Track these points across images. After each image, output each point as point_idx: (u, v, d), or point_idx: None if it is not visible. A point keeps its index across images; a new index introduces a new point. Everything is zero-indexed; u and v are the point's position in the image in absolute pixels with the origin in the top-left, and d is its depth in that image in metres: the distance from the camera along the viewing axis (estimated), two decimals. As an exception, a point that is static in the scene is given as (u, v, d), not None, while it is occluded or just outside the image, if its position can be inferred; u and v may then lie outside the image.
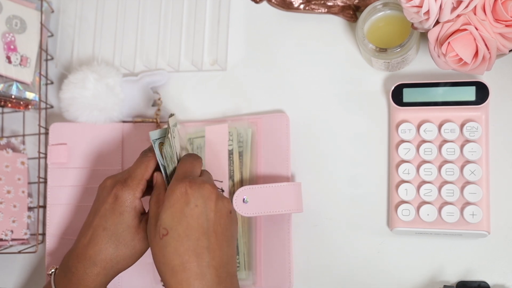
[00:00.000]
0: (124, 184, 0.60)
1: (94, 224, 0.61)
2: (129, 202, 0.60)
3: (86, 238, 0.61)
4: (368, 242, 0.68)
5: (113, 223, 0.60)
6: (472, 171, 0.64)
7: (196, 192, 0.56)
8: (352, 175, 0.70)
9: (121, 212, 0.60)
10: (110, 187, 0.61)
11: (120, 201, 0.60)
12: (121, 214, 0.60)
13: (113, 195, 0.60)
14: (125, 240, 0.60)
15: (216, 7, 0.76)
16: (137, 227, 0.60)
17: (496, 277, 0.64)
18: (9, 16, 0.74)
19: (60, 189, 0.74)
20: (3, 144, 0.77)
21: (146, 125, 0.75)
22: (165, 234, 0.55)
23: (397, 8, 0.66)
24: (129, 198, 0.60)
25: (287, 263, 0.68)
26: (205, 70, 0.76)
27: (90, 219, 0.62)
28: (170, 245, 0.55)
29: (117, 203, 0.60)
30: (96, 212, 0.61)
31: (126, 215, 0.60)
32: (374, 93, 0.70)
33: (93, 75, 0.73)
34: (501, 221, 0.64)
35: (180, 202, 0.56)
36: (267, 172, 0.70)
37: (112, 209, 0.60)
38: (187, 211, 0.55)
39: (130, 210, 0.60)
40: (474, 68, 0.59)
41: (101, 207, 0.61)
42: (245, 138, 0.70)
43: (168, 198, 0.56)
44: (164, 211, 0.56)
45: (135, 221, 0.60)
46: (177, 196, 0.56)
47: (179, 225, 0.55)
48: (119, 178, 0.62)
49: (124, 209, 0.60)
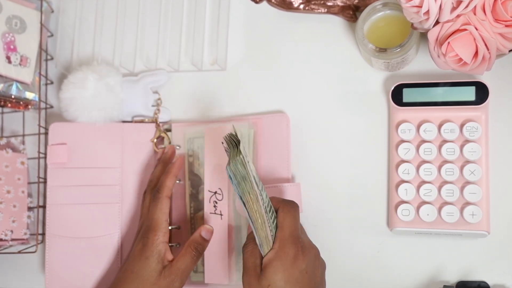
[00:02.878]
0: (150, 230, 0.66)
1: (124, 267, 0.66)
2: (155, 247, 0.65)
3: (116, 280, 0.66)
4: (368, 242, 0.68)
5: (139, 266, 0.64)
6: (472, 171, 0.64)
7: (306, 257, 0.57)
8: (352, 175, 0.70)
9: (146, 257, 0.64)
10: (137, 233, 0.69)
11: (147, 247, 0.65)
12: (147, 259, 0.64)
13: (141, 242, 0.66)
14: (147, 284, 0.63)
15: (216, 7, 0.76)
16: (160, 272, 0.64)
17: (496, 277, 0.64)
18: (9, 16, 0.74)
19: (60, 189, 0.74)
20: (3, 144, 0.77)
21: (146, 125, 0.75)
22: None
23: (397, 8, 0.66)
24: (155, 243, 0.65)
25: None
26: (205, 70, 0.76)
27: (123, 263, 0.69)
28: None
29: (144, 249, 0.65)
30: (128, 257, 0.68)
31: (151, 260, 0.64)
32: (374, 93, 0.70)
33: (93, 75, 0.73)
34: (501, 221, 0.64)
35: (292, 267, 0.56)
36: (267, 172, 0.70)
37: (139, 254, 0.65)
38: (298, 276, 0.56)
39: (154, 255, 0.64)
40: (474, 68, 0.59)
41: (132, 252, 0.67)
42: (246, 139, 0.70)
43: (280, 259, 0.56)
44: (275, 272, 0.55)
45: (158, 266, 0.64)
46: (289, 260, 0.56)
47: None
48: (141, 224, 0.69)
49: (150, 254, 0.64)
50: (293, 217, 0.58)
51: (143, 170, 0.74)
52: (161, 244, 0.65)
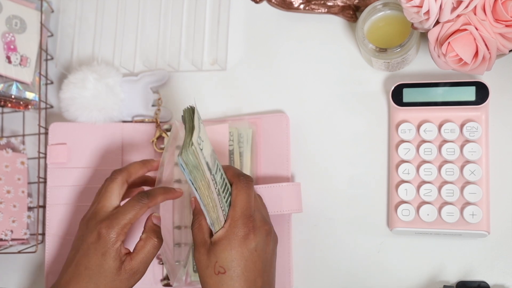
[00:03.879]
0: (110, 224, 0.60)
1: (76, 261, 0.60)
2: (112, 243, 0.59)
3: (68, 275, 0.60)
4: (368, 242, 0.68)
5: (95, 263, 0.59)
6: (472, 171, 0.64)
7: (257, 236, 0.57)
8: (352, 175, 0.70)
9: (103, 253, 0.59)
10: (94, 224, 0.61)
11: (103, 241, 0.59)
12: (103, 255, 0.59)
13: (96, 233, 0.60)
14: (106, 281, 0.59)
15: (216, 7, 0.76)
16: (118, 268, 0.59)
17: (496, 277, 0.64)
18: (9, 16, 0.74)
19: (60, 189, 0.74)
20: (3, 144, 0.77)
21: (146, 125, 0.75)
22: (223, 272, 0.56)
23: (397, 8, 0.66)
24: (112, 239, 0.59)
25: (287, 263, 0.68)
26: (205, 70, 0.76)
27: (72, 255, 0.62)
28: (227, 283, 0.56)
29: (100, 243, 0.59)
30: (78, 249, 0.61)
31: (107, 256, 0.59)
32: (374, 93, 0.70)
33: (93, 75, 0.73)
34: (501, 221, 0.64)
35: (241, 245, 0.57)
36: (267, 172, 0.70)
37: (94, 249, 0.59)
38: (247, 254, 0.56)
39: (111, 251, 0.59)
40: (474, 68, 0.59)
41: (83, 245, 0.60)
42: (245, 138, 0.70)
43: (229, 239, 0.57)
44: (222, 250, 0.56)
45: (116, 263, 0.59)
46: (239, 238, 0.57)
47: (238, 266, 0.56)
48: (103, 216, 0.61)
49: (106, 250, 0.59)
50: (246, 194, 0.59)
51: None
52: (119, 242, 0.59)
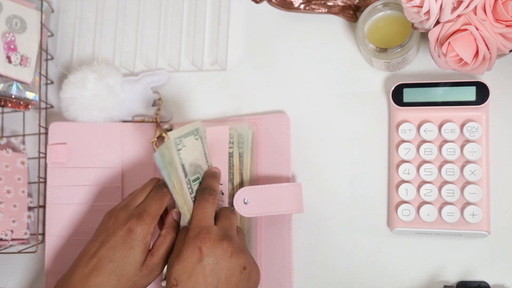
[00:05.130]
0: (140, 218, 0.60)
1: (99, 255, 0.60)
2: (142, 237, 0.60)
3: (88, 267, 0.60)
4: (368, 242, 0.68)
5: (121, 256, 0.59)
6: (472, 171, 0.64)
7: (209, 250, 0.56)
8: (352, 175, 0.70)
9: (131, 246, 0.59)
10: (124, 220, 0.61)
11: (134, 235, 0.60)
12: (131, 248, 0.59)
13: (126, 228, 0.60)
14: (128, 275, 0.59)
15: (216, 7, 0.76)
16: (142, 263, 0.60)
17: (496, 277, 0.65)
18: (9, 16, 0.74)
19: (60, 188, 0.74)
20: (3, 144, 0.77)
21: (146, 125, 0.75)
22: (175, 285, 0.56)
23: (398, 8, 0.66)
24: (143, 233, 0.60)
25: (288, 263, 0.68)
26: (205, 70, 0.76)
27: (94, 249, 0.61)
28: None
29: (130, 237, 0.60)
30: (103, 242, 0.61)
31: (136, 250, 0.59)
32: (374, 93, 0.70)
33: (93, 75, 0.73)
34: (501, 221, 0.64)
35: (193, 258, 0.56)
36: (267, 172, 0.70)
37: (123, 242, 0.60)
38: (198, 268, 0.56)
39: (141, 245, 0.60)
40: (474, 68, 0.59)
41: (111, 239, 0.60)
42: (245, 139, 0.70)
43: (182, 252, 0.57)
44: (177, 263, 0.57)
45: (142, 257, 0.60)
46: (190, 252, 0.57)
47: (188, 280, 0.56)
48: (133, 211, 0.61)
49: (136, 244, 0.59)
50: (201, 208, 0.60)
51: (143, 170, 0.74)
52: (149, 235, 0.60)
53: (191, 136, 0.62)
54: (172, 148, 0.58)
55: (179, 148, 0.59)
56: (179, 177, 0.60)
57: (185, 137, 0.61)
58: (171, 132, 0.59)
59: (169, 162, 0.58)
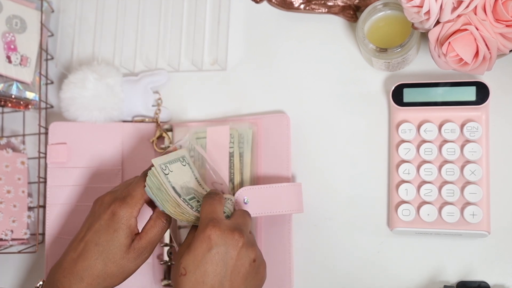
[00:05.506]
0: (123, 201, 0.60)
1: (86, 239, 0.60)
2: (125, 220, 0.60)
3: (76, 252, 0.60)
4: (368, 242, 0.68)
5: (106, 239, 0.59)
6: (472, 171, 0.64)
7: (219, 238, 0.56)
8: (352, 175, 0.70)
9: (115, 229, 0.60)
10: (108, 203, 0.61)
11: (117, 218, 0.60)
12: (115, 231, 0.60)
13: (110, 212, 0.60)
14: (114, 258, 0.59)
15: (216, 7, 0.76)
16: (128, 246, 0.60)
17: (496, 277, 0.65)
18: (9, 16, 0.74)
19: (60, 188, 0.74)
20: (3, 144, 0.77)
21: (146, 125, 0.75)
22: (184, 274, 0.56)
23: (398, 8, 0.66)
24: (126, 216, 0.60)
25: (288, 263, 0.68)
26: (205, 70, 0.76)
27: (82, 234, 0.62)
28: (186, 285, 0.56)
29: (113, 220, 0.60)
30: (89, 227, 0.61)
31: (120, 233, 0.59)
32: (374, 93, 0.70)
33: (93, 75, 0.73)
34: (501, 221, 0.64)
35: (202, 247, 0.56)
36: (267, 172, 0.70)
37: (107, 226, 0.60)
38: (207, 256, 0.56)
39: (125, 228, 0.60)
40: (474, 68, 0.59)
41: (96, 223, 0.61)
42: (245, 139, 0.70)
43: (193, 240, 0.57)
44: (187, 252, 0.57)
45: (127, 240, 0.60)
46: (200, 240, 0.57)
47: (197, 269, 0.56)
48: (117, 195, 0.62)
49: (119, 226, 0.60)
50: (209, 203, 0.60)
51: (143, 170, 0.74)
52: (133, 218, 0.60)
53: (177, 162, 0.63)
54: (159, 173, 0.60)
55: (166, 173, 0.61)
56: (173, 198, 0.60)
57: (170, 164, 0.62)
58: (155, 159, 0.61)
59: (158, 188, 0.60)
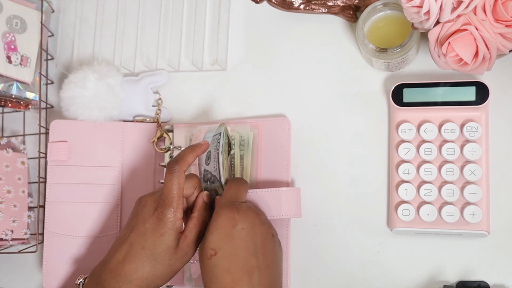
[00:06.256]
0: (167, 205, 0.60)
1: (131, 241, 0.61)
2: (172, 224, 0.60)
3: (121, 254, 0.61)
4: (368, 242, 0.68)
5: (153, 243, 0.60)
6: (472, 171, 0.64)
7: (242, 216, 0.58)
8: (352, 175, 0.70)
9: (162, 234, 0.60)
10: (152, 207, 0.61)
11: (163, 223, 0.60)
12: (162, 235, 0.60)
13: (155, 217, 0.60)
14: (163, 260, 0.60)
15: (216, 7, 0.77)
16: (175, 247, 0.60)
17: (496, 277, 0.65)
18: (9, 16, 0.74)
19: (59, 186, 0.74)
20: (3, 144, 0.77)
21: (147, 124, 0.75)
22: (213, 255, 0.56)
23: (398, 8, 0.66)
24: (172, 219, 0.60)
25: (285, 266, 0.67)
26: (205, 70, 0.76)
27: (126, 235, 0.62)
28: (220, 264, 0.56)
29: (160, 225, 0.60)
30: (133, 229, 0.61)
31: (167, 236, 0.60)
32: (374, 93, 0.70)
33: (93, 75, 0.73)
34: (501, 221, 0.64)
35: (227, 225, 0.57)
36: (267, 176, 0.70)
37: (153, 230, 0.60)
38: (234, 233, 0.57)
39: (171, 232, 0.60)
40: (474, 68, 0.59)
41: (140, 225, 0.61)
42: (246, 141, 0.70)
43: (215, 222, 0.58)
44: (210, 233, 0.58)
45: (175, 242, 0.60)
46: (224, 220, 0.58)
47: (227, 245, 0.56)
48: (158, 198, 0.62)
49: (166, 231, 0.60)
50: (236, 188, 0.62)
51: (143, 170, 0.74)
52: (178, 221, 0.61)
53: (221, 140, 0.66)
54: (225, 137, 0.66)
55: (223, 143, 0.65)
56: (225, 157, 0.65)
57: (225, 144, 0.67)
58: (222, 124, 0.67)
59: (225, 142, 0.65)
